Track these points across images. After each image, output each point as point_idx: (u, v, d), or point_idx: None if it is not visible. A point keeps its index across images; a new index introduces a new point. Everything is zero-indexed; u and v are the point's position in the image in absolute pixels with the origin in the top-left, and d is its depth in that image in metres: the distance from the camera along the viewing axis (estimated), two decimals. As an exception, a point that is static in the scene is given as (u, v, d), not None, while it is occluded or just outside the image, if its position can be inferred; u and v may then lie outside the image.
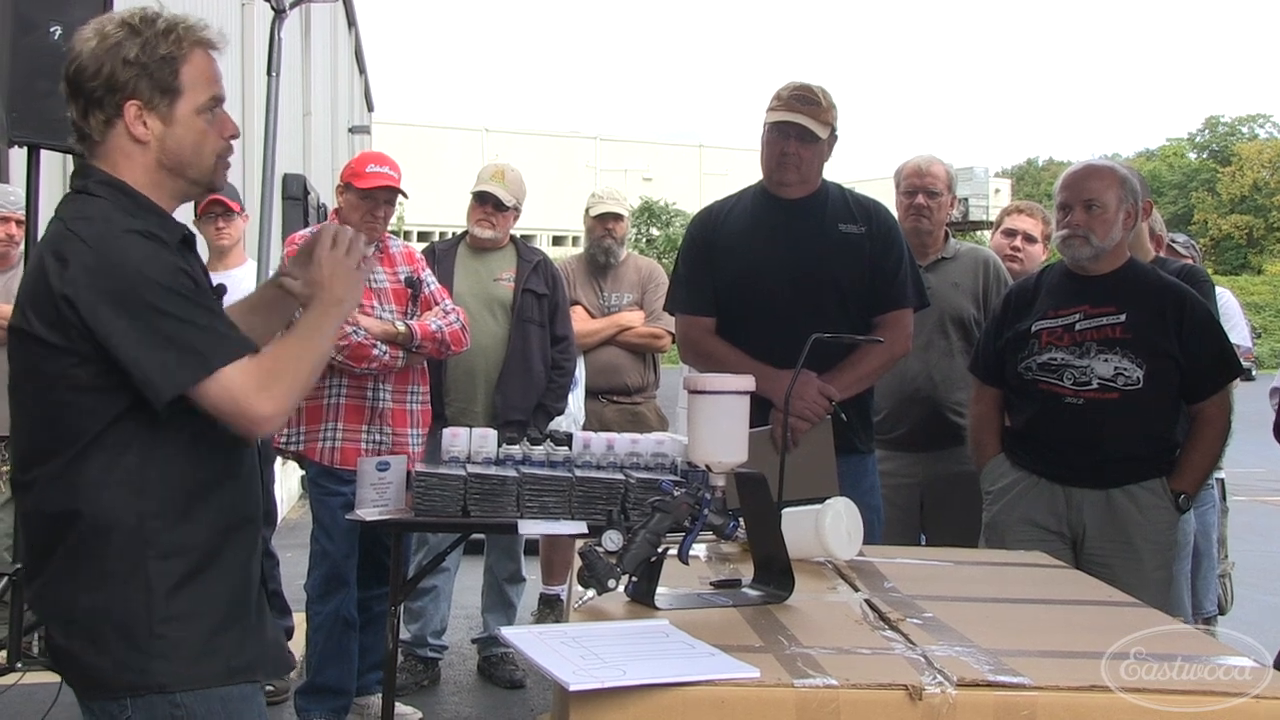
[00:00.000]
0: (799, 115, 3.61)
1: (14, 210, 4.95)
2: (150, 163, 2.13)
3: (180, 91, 2.11)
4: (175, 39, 2.12)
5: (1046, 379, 3.61)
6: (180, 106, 2.12)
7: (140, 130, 2.11)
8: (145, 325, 1.97)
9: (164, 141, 2.12)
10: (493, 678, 5.07)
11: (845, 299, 3.66)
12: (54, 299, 2.00)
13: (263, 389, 2.01)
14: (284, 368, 2.06)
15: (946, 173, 4.56)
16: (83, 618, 2.04)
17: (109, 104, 2.10)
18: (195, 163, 2.16)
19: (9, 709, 4.24)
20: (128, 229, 2.04)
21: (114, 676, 2.03)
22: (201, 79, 2.14)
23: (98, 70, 2.09)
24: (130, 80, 2.08)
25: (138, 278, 1.99)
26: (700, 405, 2.32)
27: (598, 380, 5.52)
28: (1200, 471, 3.67)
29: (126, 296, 1.98)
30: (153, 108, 2.10)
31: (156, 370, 1.97)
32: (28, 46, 3.88)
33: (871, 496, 3.69)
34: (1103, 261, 3.62)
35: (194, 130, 2.14)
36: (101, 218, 2.06)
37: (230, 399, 2.00)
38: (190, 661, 2.04)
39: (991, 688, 1.73)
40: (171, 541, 2.04)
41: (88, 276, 1.99)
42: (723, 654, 1.83)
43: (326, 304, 2.18)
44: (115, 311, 1.98)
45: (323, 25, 18.38)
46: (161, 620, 2.02)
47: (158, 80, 2.10)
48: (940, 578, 2.57)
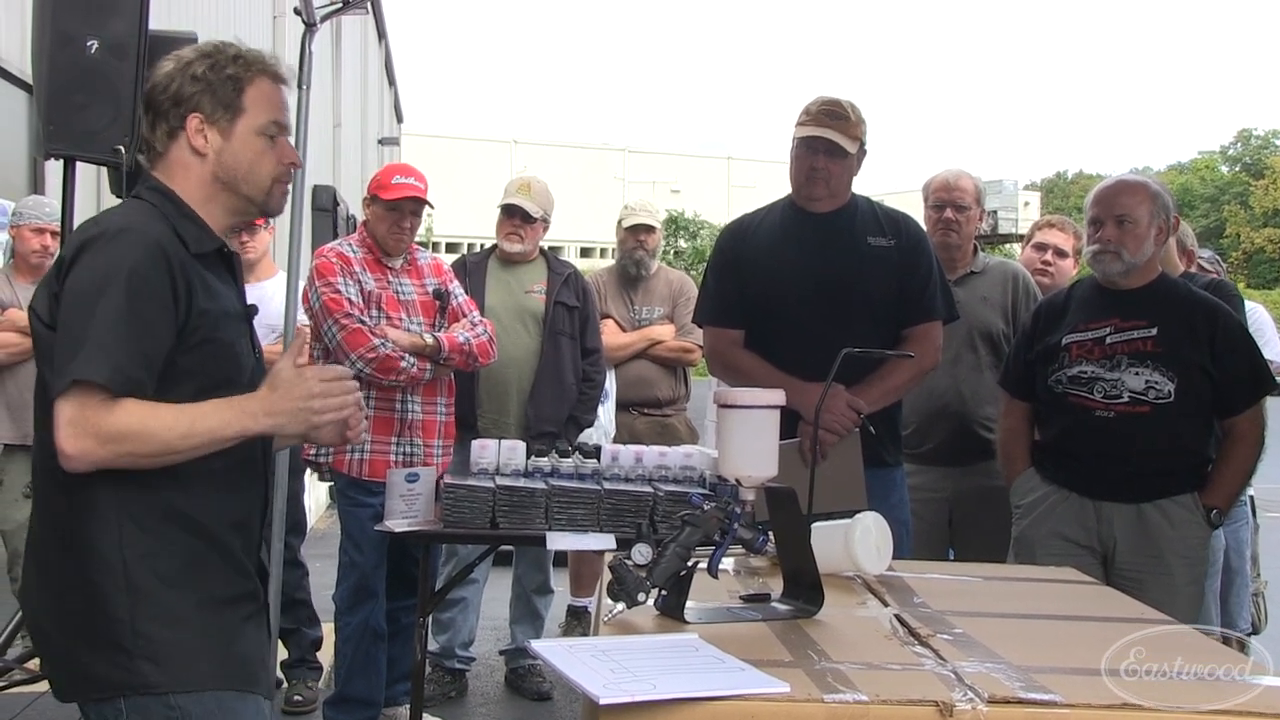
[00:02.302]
0: (828, 130, 3.61)
1: (49, 222, 5.00)
2: (206, 175, 2.23)
3: (241, 110, 2.23)
4: (243, 64, 2.25)
5: (1077, 392, 3.59)
6: (240, 124, 2.23)
7: (199, 142, 2.21)
8: (81, 318, 2.02)
9: (221, 155, 2.22)
10: (520, 689, 5.07)
11: (874, 312, 3.65)
12: (59, 278, 2.09)
13: (93, 430, 1.97)
14: (138, 430, 1.99)
15: (974, 186, 4.54)
16: (70, 616, 2.08)
17: (173, 116, 2.22)
18: (249, 180, 2.25)
19: (42, 716, 4.28)
20: (145, 232, 2.10)
21: (103, 675, 2.05)
22: (264, 102, 2.26)
23: (168, 86, 2.22)
24: (194, 95, 2.21)
25: (111, 278, 2.03)
26: (730, 420, 2.32)
27: (629, 393, 5.53)
28: (1232, 487, 3.64)
29: (90, 290, 2.03)
30: (213, 122, 2.22)
31: (63, 364, 2.00)
32: (65, 60, 3.93)
33: (900, 510, 3.68)
34: (1134, 276, 3.61)
35: (251, 149, 2.24)
36: (129, 218, 2.15)
37: (64, 413, 1.98)
38: (181, 663, 2.07)
39: (1023, 705, 1.72)
40: (153, 542, 2.07)
41: (78, 255, 2.07)
42: (753, 668, 1.83)
43: (257, 409, 2.08)
44: (75, 298, 2.04)
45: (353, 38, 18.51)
46: (146, 619, 2.05)
47: (220, 96, 2.22)
48: (970, 593, 2.56)
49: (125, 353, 2.01)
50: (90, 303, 2.02)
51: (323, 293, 4.16)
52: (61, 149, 4.04)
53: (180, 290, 2.10)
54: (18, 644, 4.54)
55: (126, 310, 2.02)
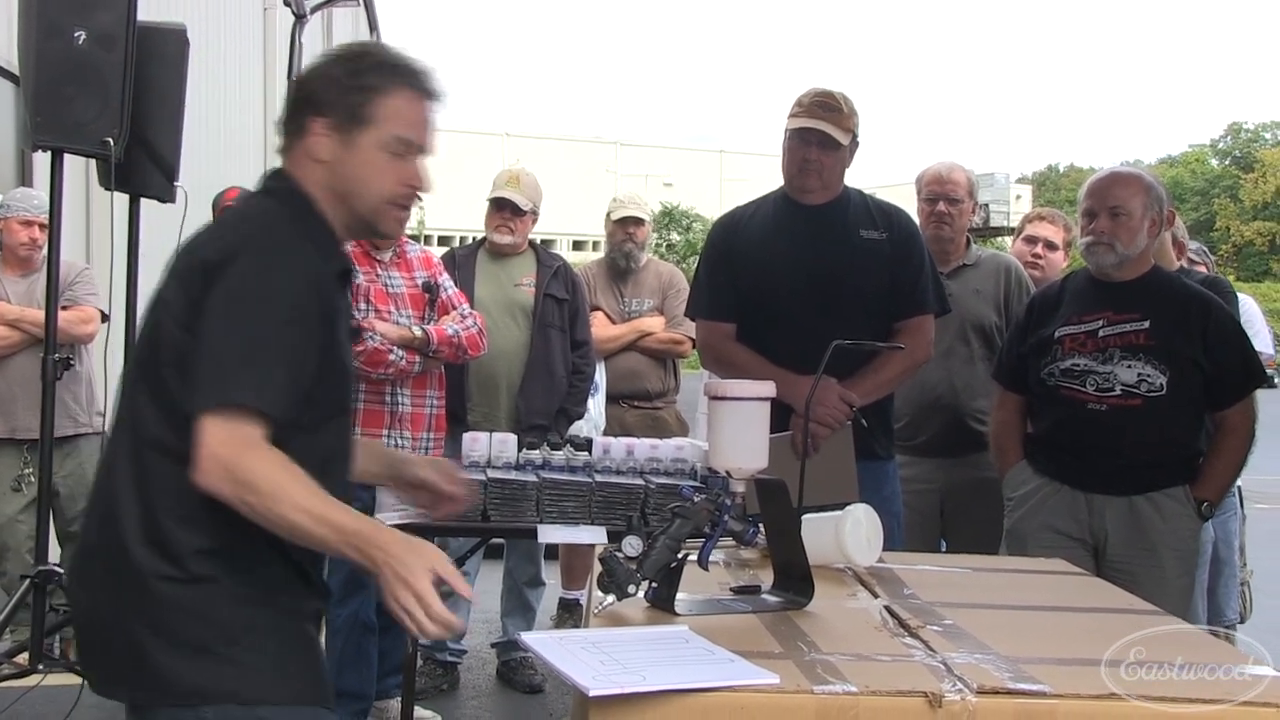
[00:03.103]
0: (820, 122, 3.60)
1: (38, 214, 4.98)
2: (322, 182, 2.11)
3: (368, 121, 2.09)
4: (384, 72, 2.11)
5: (1069, 385, 3.60)
6: (364, 136, 2.09)
7: (319, 148, 2.10)
8: (233, 336, 1.92)
9: (336, 166, 2.10)
10: (512, 682, 5.07)
11: (866, 305, 3.65)
12: (193, 269, 2.00)
13: (231, 464, 1.87)
14: (270, 490, 1.87)
15: (968, 179, 4.55)
16: (147, 615, 1.96)
17: (301, 115, 2.12)
18: (362, 196, 2.12)
19: (31, 710, 4.26)
20: (293, 243, 2.02)
21: (186, 680, 1.95)
22: (397, 118, 2.10)
23: (306, 81, 2.14)
24: (325, 98, 2.10)
25: (265, 290, 1.94)
26: (721, 411, 2.32)
27: (619, 385, 5.53)
28: (1224, 479, 3.65)
29: (242, 299, 1.94)
30: (336, 129, 2.09)
31: (209, 382, 1.90)
32: (52, 52, 3.92)
33: (892, 503, 3.68)
34: (1127, 268, 3.61)
35: (370, 164, 2.10)
36: (275, 219, 2.06)
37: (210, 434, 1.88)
38: (271, 675, 1.99)
39: (1011, 695, 1.72)
40: (249, 551, 1.98)
41: (229, 261, 1.96)
42: (742, 660, 1.82)
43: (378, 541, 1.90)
44: (225, 305, 1.94)
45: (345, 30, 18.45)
46: (240, 628, 1.97)
47: (349, 104, 2.08)
48: (960, 585, 2.56)
49: (281, 382, 1.93)
50: (245, 322, 1.93)
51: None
52: (49, 141, 4.02)
53: (325, 317, 2.02)
54: (6, 638, 4.53)
55: (283, 336, 1.94)
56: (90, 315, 5.06)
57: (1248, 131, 64.78)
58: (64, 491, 5.05)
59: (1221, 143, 65.41)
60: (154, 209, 4.45)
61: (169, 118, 4.27)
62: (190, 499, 1.93)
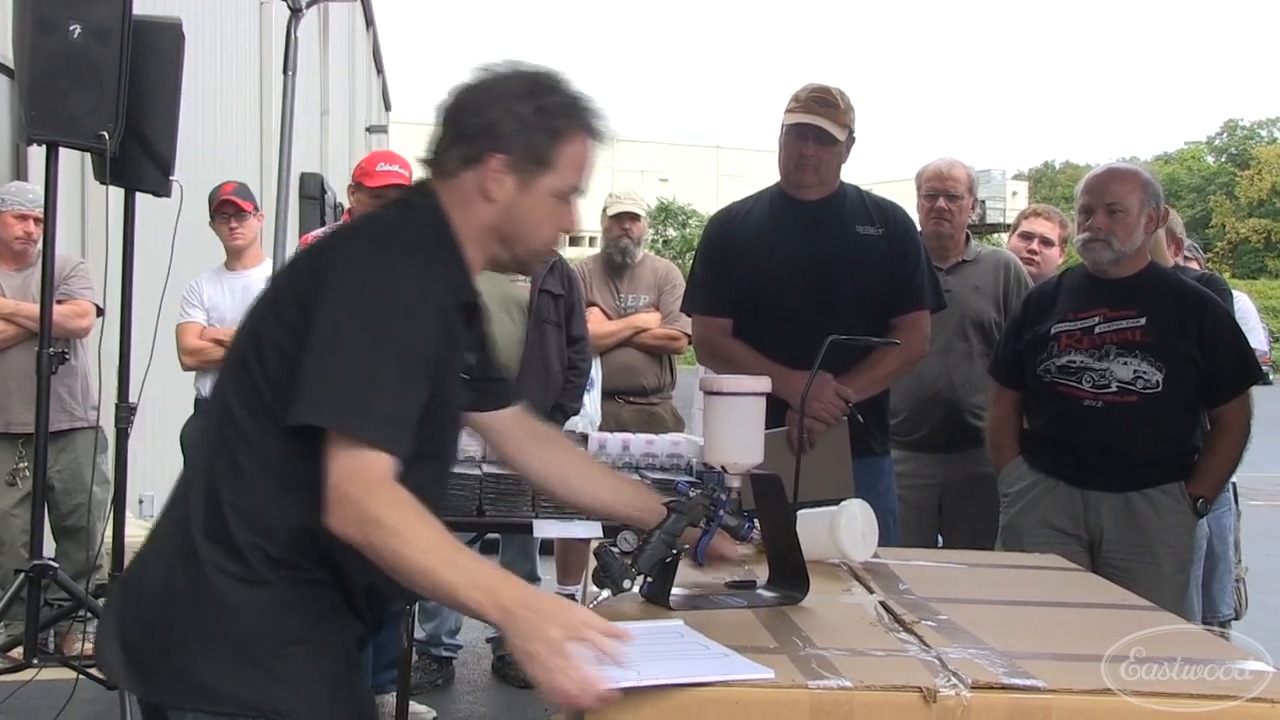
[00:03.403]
0: (817, 117, 3.60)
1: (33, 208, 4.98)
2: (486, 221, 2.01)
3: (550, 167, 2.00)
4: (569, 115, 2.02)
5: (1065, 382, 3.60)
6: (543, 182, 2.01)
7: (493, 186, 1.99)
8: (349, 351, 1.82)
9: (510, 208, 2.01)
10: (507, 677, 5.07)
11: (862, 301, 3.65)
12: (315, 267, 1.91)
13: (359, 503, 1.77)
14: (398, 531, 1.77)
15: (968, 176, 4.56)
16: (195, 618, 1.88)
17: (476, 145, 1.99)
18: (525, 241, 2.05)
19: (25, 704, 4.26)
20: (421, 264, 1.91)
21: (227, 690, 1.86)
22: (574, 164, 2.03)
23: (483, 110, 1.99)
24: (509, 135, 1.98)
25: (388, 308, 1.84)
26: (716, 406, 2.32)
27: (614, 381, 5.53)
28: (1219, 476, 3.66)
29: (362, 312, 1.84)
30: (515, 170, 1.99)
31: (313, 393, 1.81)
32: (48, 45, 3.91)
33: (887, 499, 3.68)
34: (1123, 265, 3.61)
35: (543, 210, 2.03)
36: (407, 235, 1.96)
37: (338, 471, 1.79)
38: (311, 696, 1.90)
39: (1006, 690, 1.72)
40: (313, 570, 1.90)
41: (352, 267, 1.88)
42: (737, 655, 1.82)
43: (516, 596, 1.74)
44: (342, 315, 1.84)
45: (341, 25, 18.45)
46: (292, 644, 1.89)
47: (533, 147, 1.99)
48: (955, 580, 2.56)
49: (406, 418, 1.83)
50: (370, 346, 1.82)
51: (308, 280, 4.14)
52: (44, 135, 4.01)
53: (442, 351, 1.91)
54: (1, 633, 4.53)
55: (403, 364, 1.83)
56: (85, 309, 5.06)
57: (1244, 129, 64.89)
58: (59, 486, 5.05)
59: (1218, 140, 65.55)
60: (149, 203, 4.44)
61: (164, 112, 4.26)
62: (262, 501, 1.88)
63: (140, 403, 4.47)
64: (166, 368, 4.92)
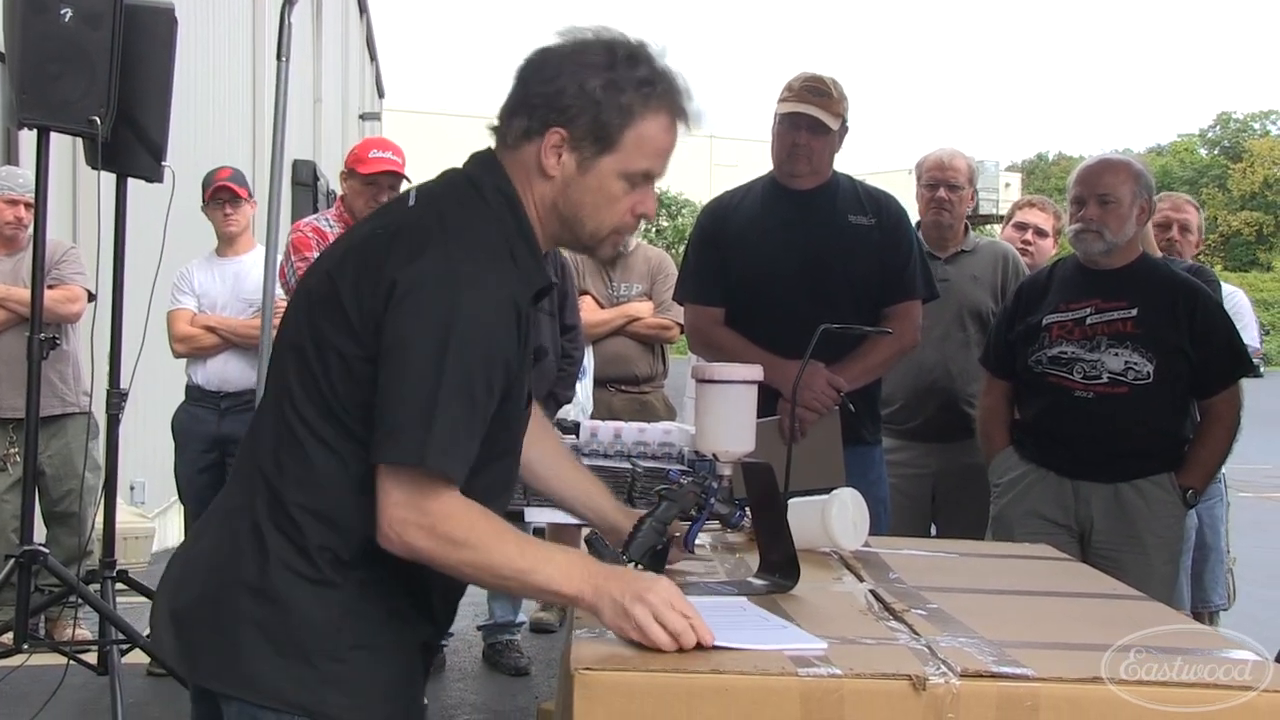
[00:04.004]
0: (810, 106, 3.60)
1: (23, 193, 4.96)
2: (544, 197, 1.89)
3: (614, 147, 1.86)
4: (646, 92, 1.86)
5: (1056, 372, 3.60)
6: (605, 162, 1.86)
7: (550, 162, 1.86)
8: (426, 380, 1.73)
9: (568, 186, 1.88)
10: (498, 665, 5.08)
11: (854, 290, 3.65)
12: (380, 278, 1.78)
13: (428, 525, 1.73)
14: (477, 545, 1.75)
15: (968, 166, 4.57)
16: (250, 611, 1.82)
17: (538, 117, 1.86)
18: (587, 224, 1.91)
19: (15, 690, 4.26)
20: (494, 272, 1.80)
21: (275, 686, 1.81)
22: (647, 147, 1.88)
23: (550, 79, 1.86)
24: (573, 109, 1.84)
25: (463, 331, 1.74)
26: (708, 395, 2.32)
27: (606, 370, 5.53)
28: (1208, 467, 3.67)
29: (437, 337, 1.73)
30: (576, 147, 1.86)
31: (395, 431, 1.74)
32: (39, 29, 3.89)
33: (878, 488, 3.69)
34: (1115, 256, 3.62)
35: (605, 192, 1.89)
36: (479, 239, 1.83)
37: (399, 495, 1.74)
38: (365, 702, 1.84)
39: (995, 679, 1.73)
40: (379, 571, 1.84)
41: (425, 285, 1.76)
42: (794, 626, 1.90)
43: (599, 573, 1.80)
44: (416, 340, 1.74)
45: (334, 12, 18.38)
46: (347, 646, 1.83)
47: (599, 124, 1.84)
48: (945, 569, 2.57)
49: (469, 443, 1.76)
50: (441, 369, 1.72)
51: (299, 268, 4.14)
52: (35, 119, 3.99)
53: (515, 357, 1.83)
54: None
55: (474, 385, 1.75)
56: (77, 294, 5.04)
57: (1236, 121, 64.92)
58: (49, 471, 5.04)
59: (1210, 132, 65.54)
60: (141, 189, 4.43)
61: (157, 97, 4.24)
62: (338, 504, 1.82)
63: (131, 388, 4.46)
64: (158, 354, 4.91)
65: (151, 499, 7.28)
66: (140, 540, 6.41)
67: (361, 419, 1.79)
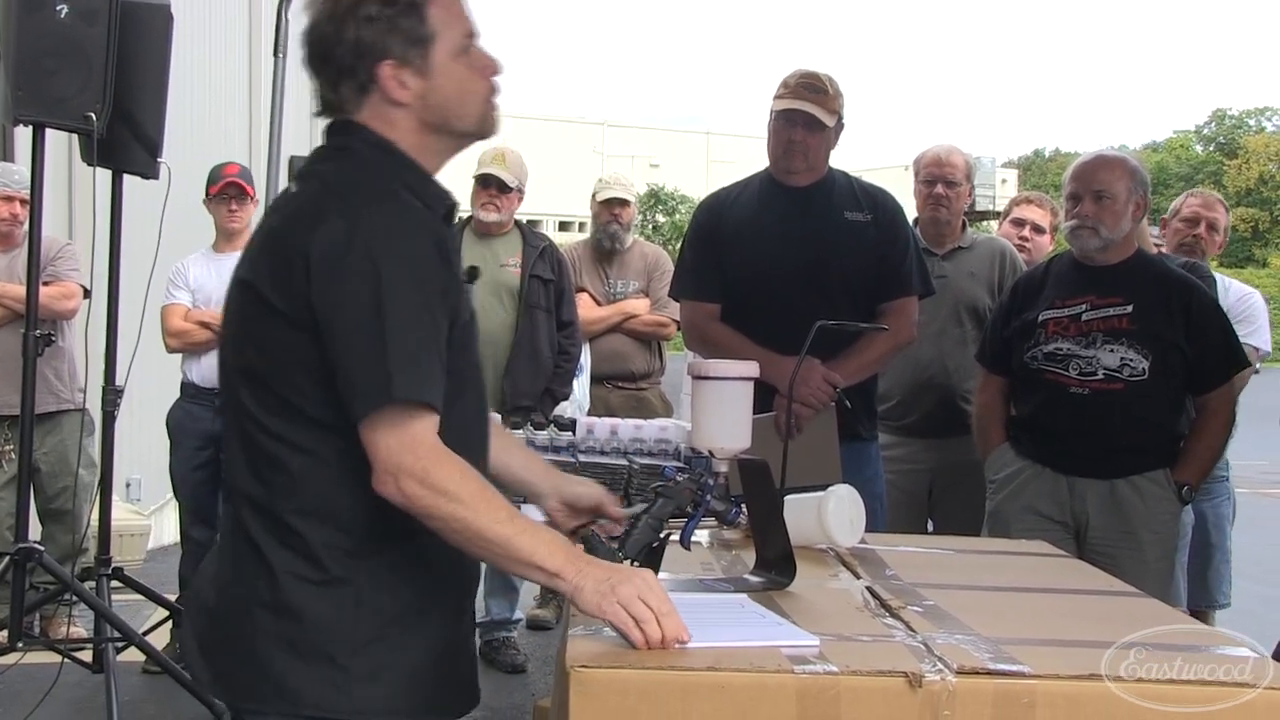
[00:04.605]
0: (806, 103, 3.60)
1: (19, 189, 4.94)
2: (414, 124, 1.92)
3: (432, 38, 1.89)
4: None
5: (1052, 369, 3.61)
6: (436, 54, 1.89)
7: (399, 92, 1.89)
8: (369, 330, 1.76)
9: (426, 99, 1.90)
10: (494, 662, 5.08)
11: (850, 286, 3.65)
12: (291, 259, 1.80)
13: (421, 474, 1.74)
14: (466, 499, 1.77)
15: (965, 163, 4.57)
16: (268, 615, 1.84)
17: (360, 70, 1.89)
18: (462, 113, 1.94)
19: (10, 688, 4.25)
20: (394, 208, 1.84)
21: (305, 691, 1.82)
22: (450, 17, 1.92)
23: (340, 35, 1.88)
24: (378, 39, 1.87)
25: (385, 273, 1.76)
26: (704, 391, 2.32)
27: (603, 366, 5.53)
28: (1204, 463, 3.67)
29: (365, 289, 1.76)
30: (407, 63, 1.88)
31: (360, 385, 1.76)
32: (34, 25, 3.87)
33: (874, 484, 3.69)
34: (1111, 252, 3.62)
35: (454, 78, 1.91)
36: (366, 186, 1.85)
37: (387, 443, 1.75)
38: (391, 694, 1.85)
39: (991, 676, 1.73)
40: (395, 560, 1.86)
41: (335, 249, 1.78)
42: (789, 623, 1.89)
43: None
44: (347, 300, 1.77)
45: (330, 8, 18.34)
46: (372, 641, 1.84)
47: (406, 32, 1.87)
48: (942, 566, 2.57)
49: (435, 370, 1.78)
50: (384, 315, 1.75)
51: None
52: (31, 115, 3.98)
53: (446, 276, 1.84)
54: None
55: (423, 318, 1.78)
56: (72, 291, 5.03)
57: (1232, 118, 64.99)
58: (45, 468, 5.03)
59: (1206, 129, 65.62)
60: (136, 185, 4.42)
61: (152, 93, 4.23)
62: (319, 495, 1.84)
63: (127, 385, 4.45)
64: (153, 351, 4.90)
65: (147, 496, 7.27)
66: (136, 537, 6.40)
67: (324, 400, 1.81)
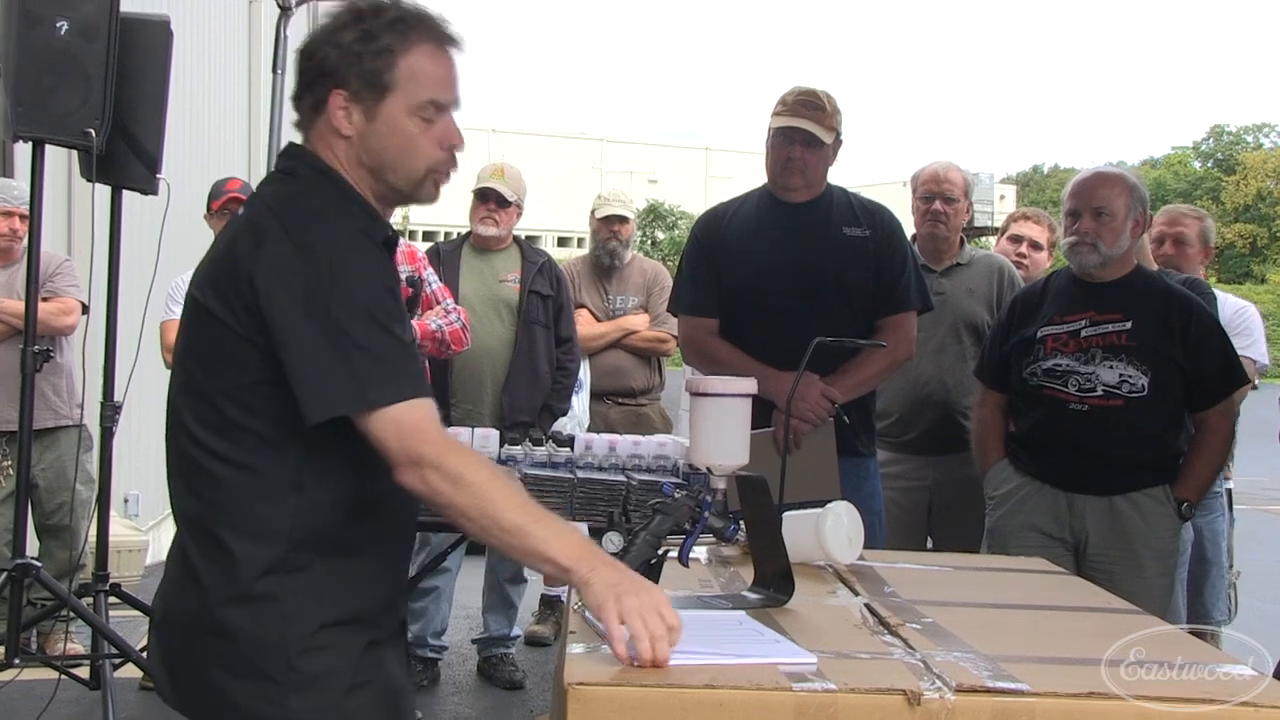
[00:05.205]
0: (804, 120, 3.60)
1: (18, 205, 4.94)
2: (351, 157, 1.97)
3: (390, 88, 1.93)
4: (400, 30, 1.94)
5: (1051, 385, 3.60)
6: (388, 104, 1.93)
7: (342, 123, 1.94)
8: (323, 336, 1.80)
9: (365, 139, 1.95)
10: (492, 678, 5.06)
11: (849, 302, 3.65)
12: (237, 277, 1.85)
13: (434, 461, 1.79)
14: (475, 486, 1.80)
15: (963, 179, 4.58)
16: (208, 634, 1.89)
17: (318, 88, 1.96)
18: (398, 169, 1.97)
19: (7, 705, 4.24)
20: (334, 223, 1.89)
21: (248, 709, 1.87)
22: (423, 77, 1.95)
23: (313, 52, 1.96)
24: (339, 67, 1.93)
25: (331, 281, 1.81)
26: (702, 407, 2.32)
27: (603, 382, 5.53)
28: (1203, 480, 3.66)
29: (313, 298, 1.81)
30: (358, 100, 1.94)
31: (317, 387, 1.80)
32: (34, 41, 3.88)
33: (873, 500, 3.69)
34: (1110, 269, 3.62)
35: (400, 133, 1.95)
36: (306, 205, 1.91)
37: (396, 438, 1.80)
38: (340, 697, 1.89)
39: (990, 693, 1.72)
40: (319, 570, 1.89)
41: (278, 263, 1.83)
42: (787, 641, 1.89)
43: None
44: (296, 310, 1.81)
45: (330, 24, 18.39)
46: (300, 652, 1.87)
47: (367, 71, 1.92)
48: (940, 583, 2.56)
49: (401, 364, 1.83)
50: (345, 320, 1.80)
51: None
52: (30, 131, 3.99)
53: (393, 279, 1.91)
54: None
55: (375, 318, 1.82)
56: (71, 307, 5.03)
57: (1230, 134, 65.10)
58: (43, 484, 5.02)
59: (1204, 145, 65.72)
60: (135, 201, 4.42)
61: (152, 109, 4.24)
62: (246, 510, 1.87)
63: (126, 401, 4.45)
64: (152, 366, 4.90)
65: (145, 512, 7.26)
66: (133, 553, 6.37)
67: (267, 414, 1.86)
